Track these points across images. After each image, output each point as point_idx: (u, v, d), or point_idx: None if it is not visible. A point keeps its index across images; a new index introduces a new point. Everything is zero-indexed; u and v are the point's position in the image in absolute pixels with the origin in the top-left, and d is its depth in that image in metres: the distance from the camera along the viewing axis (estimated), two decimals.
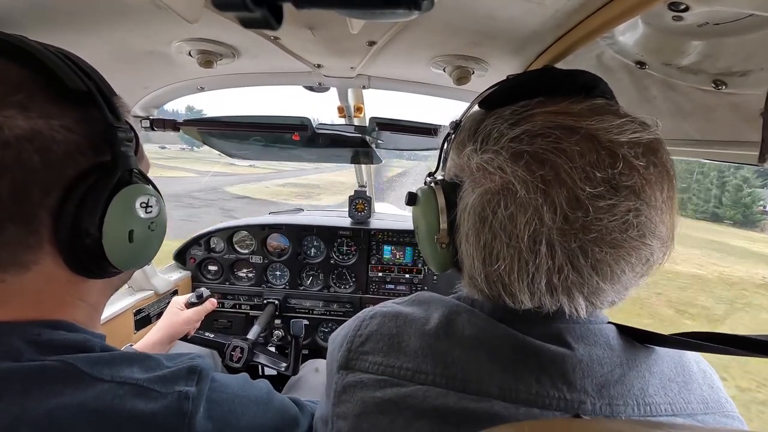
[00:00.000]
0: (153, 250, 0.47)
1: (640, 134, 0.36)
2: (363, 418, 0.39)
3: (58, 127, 0.36)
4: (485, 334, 0.41)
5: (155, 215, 0.45)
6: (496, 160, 0.38)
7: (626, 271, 0.37)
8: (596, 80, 0.43)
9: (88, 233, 0.38)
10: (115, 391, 0.36)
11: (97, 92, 0.39)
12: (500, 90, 0.44)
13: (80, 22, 0.63)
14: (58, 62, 0.37)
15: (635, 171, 0.35)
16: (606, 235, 0.35)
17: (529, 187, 0.35)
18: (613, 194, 0.34)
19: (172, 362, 0.42)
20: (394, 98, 7.45)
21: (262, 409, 0.49)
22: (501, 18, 0.58)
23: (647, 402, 0.38)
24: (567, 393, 0.37)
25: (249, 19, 0.22)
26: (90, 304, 0.44)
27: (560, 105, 0.39)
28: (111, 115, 0.40)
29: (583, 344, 0.39)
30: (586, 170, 0.34)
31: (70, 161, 0.37)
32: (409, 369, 0.40)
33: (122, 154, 0.41)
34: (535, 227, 0.35)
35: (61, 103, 0.37)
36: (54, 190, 0.37)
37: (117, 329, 1.21)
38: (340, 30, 0.68)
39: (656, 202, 0.36)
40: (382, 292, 1.68)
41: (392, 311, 0.46)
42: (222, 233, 1.67)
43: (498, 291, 0.40)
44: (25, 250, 0.37)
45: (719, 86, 0.53)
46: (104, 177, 0.39)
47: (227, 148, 1.43)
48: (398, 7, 0.21)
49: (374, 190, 2.06)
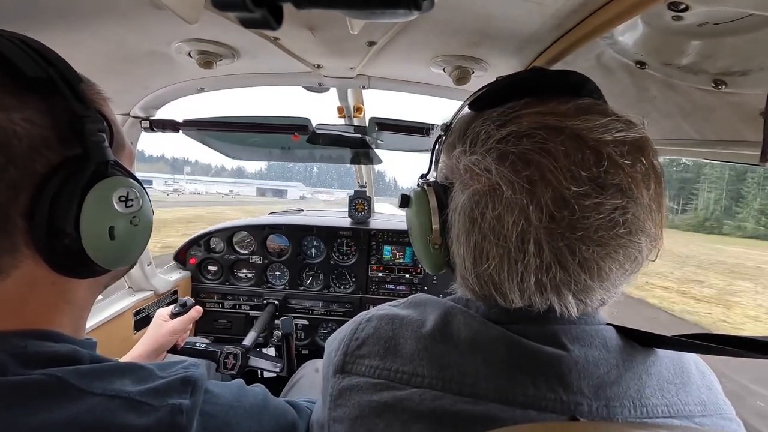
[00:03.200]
0: (139, 246, 0.45)
1: (626, 133, 0.37)
2: (359, 421, 0.39)
3: (19, 119, 0.33)
4: (481, 336, 0.41)
5: (137, 209, 0.42)
6: (484, 162, 0.38)
7: (614, 268, 0.37)
8: (583, 80, 0.43)
9: (65, 233, 0.36)
10: (107, 405, 0.34)
11: (59, 79, 0.36)
12: (489, 91, 0.45)
13: (79, 23, 0.63)
14: (14, 48, 0.34)
15: (621, 169, 0.35)
16: (593, 234, 0.35)
17: (515, 188, 0.36)
18: (599, 193, 0.35)
19: (165, 372, 0.41)
20: (393, 98, 7.44)
21: (257, 418, 0.48)
22: (501, 18, 0.58)
23: (644, 403, 0.38)
24: (563, 395, 0.37)
25: (249, 19, 0.22)
26: (77, 305, 0.42)
27: (547, 105, 0.39)
28: (78, 103, 0.37)
29: (578, 345, 0.39)
30: (571, 169, 0.35)
31: (36, 156, 0.35)
32: (406, 372, 0.40)
33: (94, 145, 0.38)
34: (522, 227, 0.36)
35: (20, 93, 0.34)
36: (23, 189, 0.34)
37: (117, 330, 1.21)
38: (340, 30, 0.68)
39: (643, 200, 0.36)
40: (382, 292, 1.68)
41: (388, 314, 0.47)
42: (222, 233, 1.67)
43: (489, 290, 0.41)
44: (1, 254, 0.34)
45: (719, 86, 0.53)
46: (76, 172, 0.36)
47: (227, 149, 1.43)
48: (398, 7, 0.21)
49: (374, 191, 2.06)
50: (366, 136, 1.25)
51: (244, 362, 1.09)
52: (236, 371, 1.07)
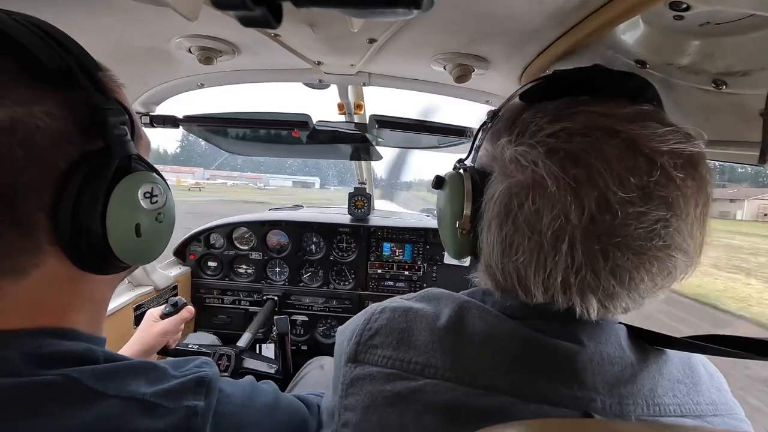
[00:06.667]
0: (163, 242, 0.44)
1: (683, 146, 0.35)
2: (371, 410, 0.39)
3: (41, 113, 0.31)
4: (495, 330, 0.41)
5: (161, 205, 0.41)
6: (531, 154, 0.37)
7: (645, 279, 0.36)
8: (645, 84, 0.42)
9: (90, 232, 0.34)
10: (122, 408, 0.34)
11: (78, 68, 0.34)
12: (545, 84, 0.44)
13: (78, 18, 0.63)
14: (30, 35, 0.31)
15: (672, 182, 0.34)
16: (631, 242, 0.34)
17: (560, 184, 0.35)
18: (645, 202, 0.34)
19: (179, 371, 0.40)
20: (394, 96, 7.40)
21: (269, 416, 0.48)
22: (502, 16, 0.58)
23: (656, 402, 0.38)
24: (577, 390, 0.37)
25: (248, 17, 0.22)
26: (96, 302, 0.42)
27: (605, 106, 0.38)
28: (98, 94, 0.35)
29: (594, 342, 0.39)
30: (620, 174, 0.34)
31: (59, 152, 0.33)
32: (419, 363, 0.40)
33: (117, 138, 0.36)
34: (560, 224, 0.35)
35: (39, 85, 0.32)
36: (46, 187, 0.33)
37: (117, 325, 1.22)
38: (340, 27, 0.67)
39: (688, 217, 0.35)
40: (382, 289, 1.69)
41: (402, 306, 0.46)
42: (222, 229, 1.67)
43: (512, 283, 0.40)
44: (23, 255, 0.33)
45: (720, 86, 0.53)
46: (100, 167, 0.35)
47: (227, 145, 1.43)
48: (398, 6, 0.21)
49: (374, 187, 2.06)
50: (366, 133, 1.25)
51: (237, 364, 1.07)
52: (229, 373, 1.05)
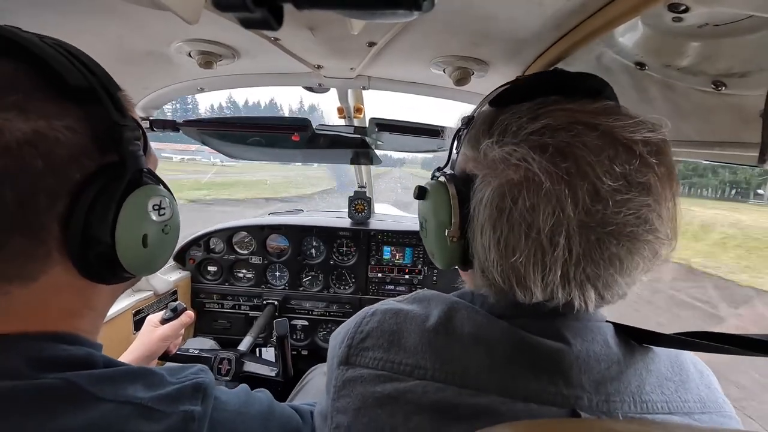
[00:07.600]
0: (167, 253, 0.45)
1: (653, 134, 0.37)
2: (362, 412, 0.40)
3: (61, 127, 0.33)
4: (484, 331, 0.41)
5: (168, 217, 0.43)
6: (519, 152, 0.38)
7: (640, 264, 0.38)
8: (604, 84, 0.44)
9: (99, 241, 0.36)
10: (118, 412, 0.34)
11: (100, 88, 0.36)
12: (515, 87, 0.45)
13: (78, 22, 0.63)
14: (57, 56, 0.34)
15: (650, 168, 0.36)
16: (624, 229, 0.36)
17: (554, 179, 0.36)
18: (629, 189, 0.35)
19: (176, 377, 0.41)
20: (393, 99, 7.45)
21: (263, 424, 0.48)
22: (501, 19, 0.58)
23: (644, 399, 0.38)
24: (564, 388, 0.38)
25: (249, 19, 0.22)
26: (98, 310, 0.43)
27: (577, 103, 0.40)
28: (116, 111, 0.37)
29: (580, 340, 0.40)
30: (605, 164, 0.35)
31: (75, 164, 0.35)
32: (409, 364, 0.41)
33: (131, 153, 0.38)
34: (557, 219, 0.36)
35: (62, 101, 0.34)
36: (61, 197, 0.34)
37: (116, 330, 1.21)
38: (340, 31, 0.68)
39: (664, 201, 0.37)
40: (382, 293, 1.68)
41: (392, 308, 0.47)
42: (221, 234, 1.66)
43: (511, 283, 0.40)
44: (33, 260, 0.34)
45: (719, 87, 0.54)
46: (113, 180, 0.37)
47: (227, 149, 1.43)
48: (398, 7, 0.21)
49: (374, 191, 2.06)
50: (366, 137, 1.25)
51: (238, 368, 1.07)
52: (231, 377, 1.05)
